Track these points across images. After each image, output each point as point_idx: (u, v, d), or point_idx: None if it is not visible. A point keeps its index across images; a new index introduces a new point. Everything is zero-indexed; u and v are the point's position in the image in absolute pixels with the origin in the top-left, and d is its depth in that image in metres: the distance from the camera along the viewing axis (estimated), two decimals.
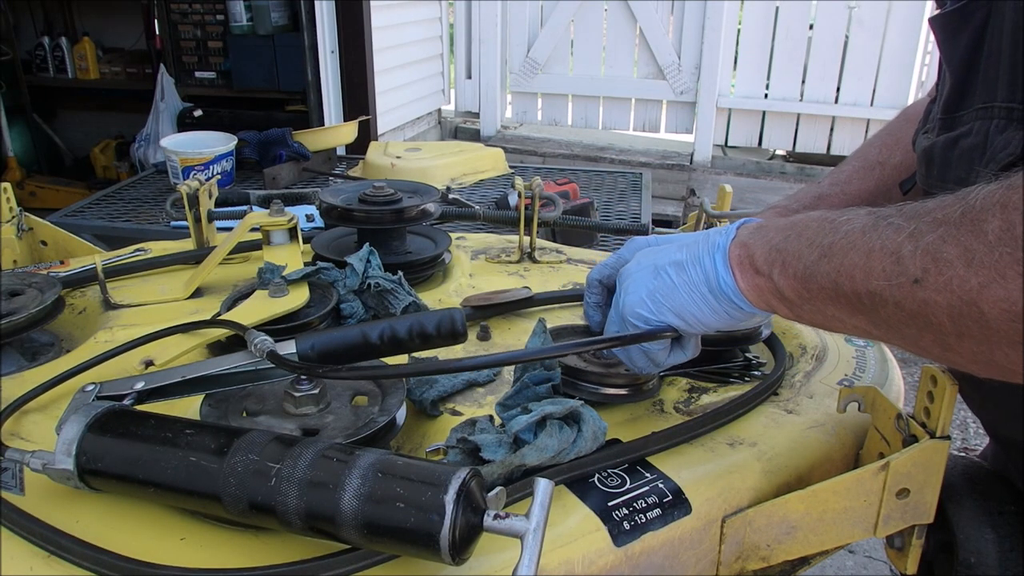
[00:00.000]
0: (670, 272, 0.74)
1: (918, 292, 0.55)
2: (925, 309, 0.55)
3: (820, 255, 0.62)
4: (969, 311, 0.52)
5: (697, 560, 0.77)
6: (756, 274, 0.69)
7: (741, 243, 0.71)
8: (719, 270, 0.71)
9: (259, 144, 2.79)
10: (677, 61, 5.27)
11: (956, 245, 0.53)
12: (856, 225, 0.61)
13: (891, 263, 0.56)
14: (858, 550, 2.48)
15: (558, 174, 2.80)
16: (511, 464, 0.72)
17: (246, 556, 0.66)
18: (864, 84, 5.08)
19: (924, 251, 0.55)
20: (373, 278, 1.10)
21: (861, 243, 0.59)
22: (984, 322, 0.52)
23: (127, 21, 4.93)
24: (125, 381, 0.79)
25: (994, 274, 0.51)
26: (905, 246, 0.56)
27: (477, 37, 5.52)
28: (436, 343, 0.82)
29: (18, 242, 1.43)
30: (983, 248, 0.51)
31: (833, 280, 0.61)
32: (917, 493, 0.77)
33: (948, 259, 0.53)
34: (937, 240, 0.54)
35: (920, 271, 0.55)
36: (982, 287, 0.51)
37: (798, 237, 0.66)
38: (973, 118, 0.77)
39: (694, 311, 0.74)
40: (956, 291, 0.53)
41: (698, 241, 0.75)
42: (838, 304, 0.62)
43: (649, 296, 0.75)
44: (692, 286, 0.73)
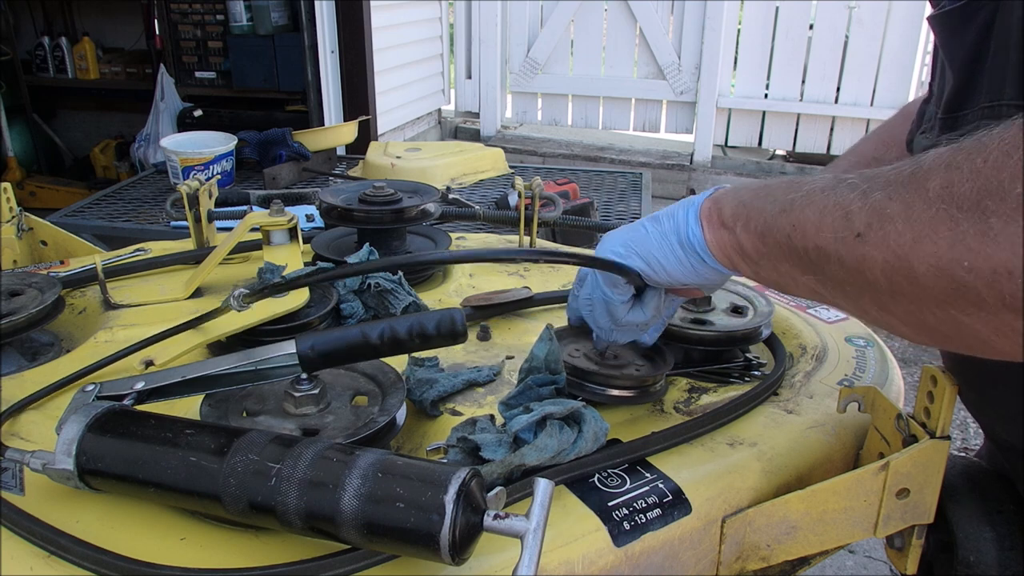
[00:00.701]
0: (646, 224, 0.77)
1: (859, 247, 0.56)
2: (863, 265, 0.56)
3: (780, 210, 0.64)
4: (901, 266, 0.53)
5: (697, 560, 0.77)
6: (722, 227, 0.71)
7: (714, 199, 0.73)
8: (690, 222, 0.73)
9: (259, 144, 2.79)
10: (677, 61, 5.27)
11: (899, 202, 0.54)
12: (818, 185, 0.62)
13: (839, 218, 0.57)
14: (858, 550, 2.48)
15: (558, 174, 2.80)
16: (511, 464, 0.72)
17: (246, 556, 0.66)
18: (864, 84, 5.08)
19: (871, 208, 0.55)
20: (373, 278, 1.10)
21: (818, 200, 0.60)
22: (914, 279, 0.52)
23: (127, 21, 4.93)
24: (125, 381, 0.79)
25: (927, 230, 0.51)
26: (855, 203, 0.57)
27: (477, 37, 5.52)
28: (436, 343, 0.82)
29: (18, 242, 1.43)
30: (922, 205, 0.52)
31: (787, 235, 0.62)
32: (917, 493, 0.77)
33: (890, 215, 0.54)
34: (884, 198, 0.55)
35: (863, 226, 0.55)
36: (915, 243, 0.52)
37: (766, 196, 0.67)
38: (978, 117, 0.77)
39: (660, 258, 0.76)
40: (892, 246, 0.53)
41: (678, 203, 0.77)
42: (791, 260, 0.63)
43: (621, 243, 0.78)
44: (662, 235, 0.75)
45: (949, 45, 0.81)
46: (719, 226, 0.71)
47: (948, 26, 0.81)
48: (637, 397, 0.90)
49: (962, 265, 0.49)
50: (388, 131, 4.59)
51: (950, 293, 0.51)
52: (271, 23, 4.15)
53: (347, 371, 0.90)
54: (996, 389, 0.85)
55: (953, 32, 0.80)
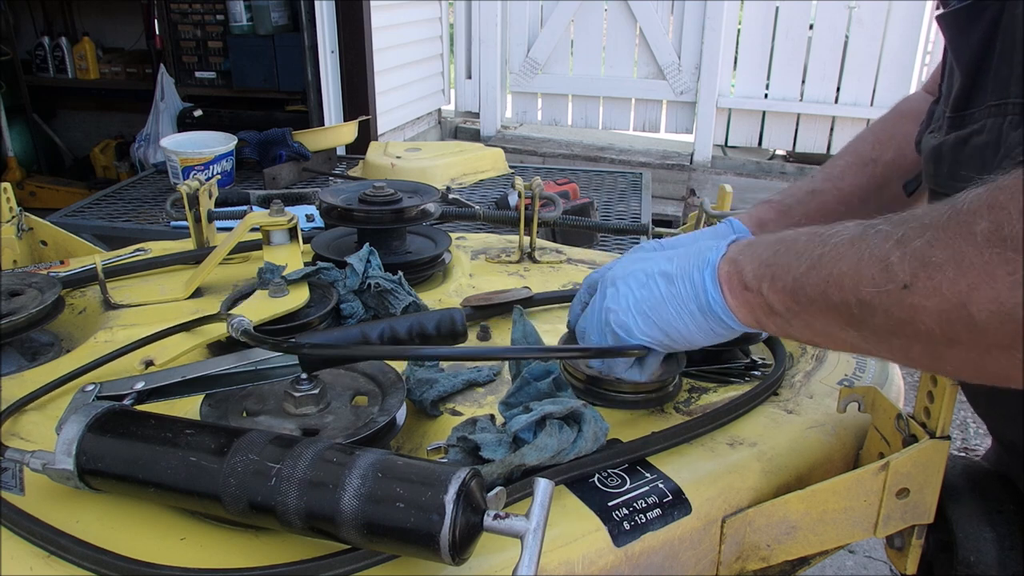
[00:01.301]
0: (659, 284, 0.73)
1: (907, 298, 0.54)
2: (914, 315, 0.54)
3: (809, 266, 0.61)
4: (959, 315, 0.51)
5: (697, 560, 0.77)
6: (745, 290, 0.68)
7: (731, 259, 0.70)
8: (708, 286, 0.70)
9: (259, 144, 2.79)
10: (677, 61, 5.26)
11: (944, 248, 0.52)
12: (845, 236, 0.60)
13: (879, 270, 0.55)
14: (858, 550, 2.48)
15: (558, 174, 2.80)
16: (511, 464, 0.72)
17: (246, 556, 0.66)
18: (864, 84, 5.07)
19: (913, 256, 0.54)
20: (373, 278, 1.10)
21: (850, 253, 0.58)
22: (973, 326, 0.51)
23: (127, 21, 4.93)
24: (125, 381, 0.79)
25: (983, 275, 0.50)
26: (894, 252, 0.55)
27: (477, 37, 5.52)
28: (436, 343, 0.82)
29: (18, 242, 1.43)
30: (972, 250, 0.50)
31: (822, 291, 0.60)
32: (917, 493, 0.77)
33: (937, 263, 0.52)
34: (925, 245, 0.53)
35: (909, 276, 0.53)
36: (971, 289, 0.50)
37: (787, 251, 0.65)
38: (985, 115, 0.76)
39: (680, 328, 0.73)
40: (945, 294, 0.51)
41: (689, 254, 0.74)
42: (827, 316, 0.61)
43: (636, 307, 0.74)
44: (680, 302, 0.72)
45: (956, 44, 0.81)
46: (742, 288, 0.69)
47: (956, 25, 0.80)
48: (652, 401, 0.90)
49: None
50: (388, 131, 4.58)
51: (1015, 336, 0.49)
52: (271, 23, 4.15)
53: (347, 371, 0.90)
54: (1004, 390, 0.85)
55: (960, 31, 0.80)
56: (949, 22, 0.81)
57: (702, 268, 0.71)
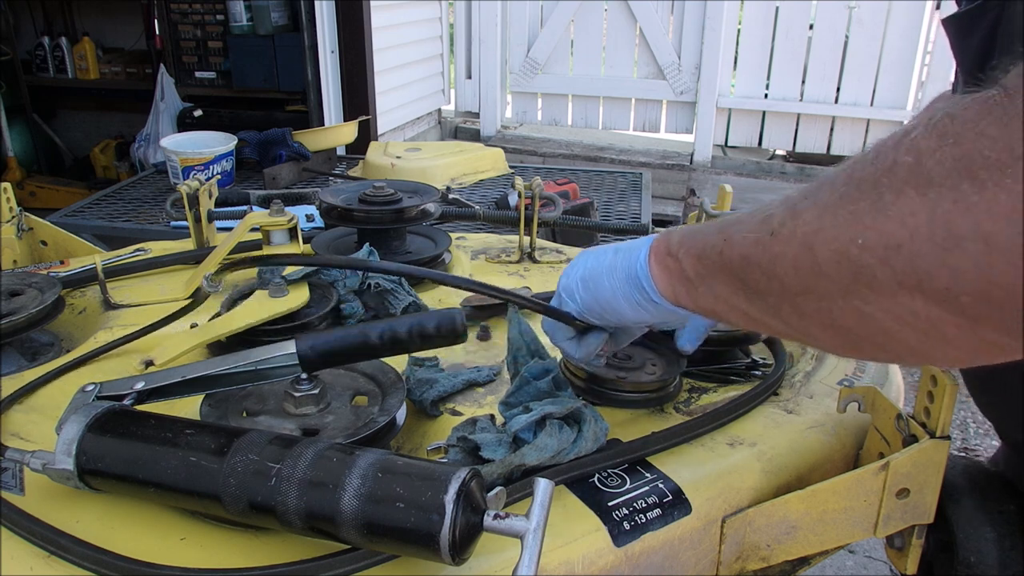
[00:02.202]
0: (608, 254, 0.75)
1: (772, 246, 0.55)
2: (775, 265, 0.55)
3: (718, 229, 0.63)
4: (806, 258, 0.52)
5: (697, 560, 0.77)
6: (667, 255, 0.70)
7: (667, 231, 0.72)
8: (640, 256, 0.72)
9: (259, 144, 2.79)
10: (677, 61, 5.26)
11: (810, 197, 0.53)
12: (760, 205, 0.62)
13: (761, 222, 0.57)
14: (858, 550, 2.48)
15: (558, 174, 2.80)
16: (511, 464, 0.72)
17: (246, 556, 0.66)
18: (864, 84, 5.07)
19: (787, 206, 0.55)
20: (373, 278, 1.10)
21: (748, 215, 0.60)
22: (818, 269, 0.51)
23: (127, 21, 4.93)
24: (125, 381, 0.79)
25: (828, 214, 0.51)
26: (777, 207, 0.57)
27: (477, 37, 5.52)
28: (436, 343, 0.82)
29: (18, 242, 1.43)
30: (828, 191, 0.52)
31: (720, 250, 0.62)
32: (917, 493, 0.77)
33: (800, 209, 0.54)
34: (800, 196, 0.55)
35: (778, 223, 0.55)
36: (818, 231, 0.51)
37: (715, 227, 0.66)
38: None
39: (608, 297, 0.74)
40: (799, 237, 0.53)
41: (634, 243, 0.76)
42: (724, 278, 0.62)
43: (581, 275, 0.77)
44: (615, 271, 0.74)
45: (959, 48, 0.81)
46: (665, 254, 0.70)
47: (958, 30, 0.81)
48: (652, 401, 0.90)
49: (856, 243, 0.49)
50: (388, 131, 4.58)
51: (850, 278, 0.50)
52: (271, 23, 4.15)
53: (347, 371, 0.90)
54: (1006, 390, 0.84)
55: (963, 35, 0.80)
56: (952, 26, 0.81)
57: (644, 241, 0.73)
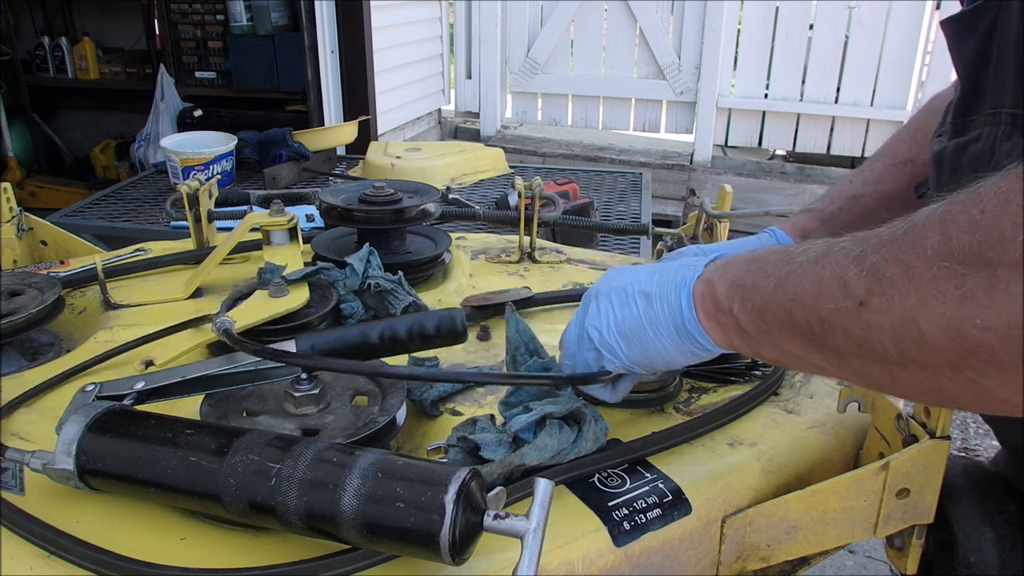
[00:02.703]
0: (639, 304, 0.72)
1: (863, 315, 0.53)
2: (869, 333, 0.53)
3: (776, 285, 0.61)
4: (909, 332, 0.50)
5: (697, 560, 0.77)
6: (718, 310, 0.67)
7: (705, 280, 0.69)
8: (683, 308, 0.69)
9: (259, 144, 2.79)
10: (677, 61, 5.26)
11: (897, 263, 0.51)
12: (810, 254, 0.59)
13: (838, 287, 0.55)
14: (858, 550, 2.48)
15: (558, 174, 2.80)
16: (511, 464, 0.72)
17: (246, 556, 0.66)
18: (864, 84, 5.07)
19: (868, 271, 0.53)
20: (373, 278, 1.10)
21: (812, 271, 0.58)
22: (924, 343, 0.50)
23: (127, 21, 4.93)
24: (125, 381, 0.79)
25: (932, 290, 0.49)
26: (851, 269, 0.54)
27: (477, 37, 5.51)
28: (436, 343, 0.82)
29: (18, 242, 1.43)
30: (921, 264, 0.49)
31: (787, 310, 0.59)
32: (917, 493, 0.77)
33: (890, 278, 0.51)
34: (880, 260, 0.53)
35: (864, 292, 0.53)
36: (921, 304, 0.49)
37: (758, 270, 0.64)
38: (982, 123, 0.76)
39: (660, 350, 0.72)
40: (897, 310, 0.51)
41: (668, 271, 0.73)
42: (793, 336, 0.60)
43: (618, 327, 0.73)
44: (659, 324, 0.71)
45: (956, 50, 0.81)
46: (715, 309, 0.68)
47: (956, 31, 0.80)
48: (653, 400, 0.90)
49: (974, 323, 0.47)
50: (388, 131, 4.58)
51: (964, 354, 0.48)
52: (271, 23, 4.15)
53: None
54: None
55: (960, 37, 0.79)
56: (951, 28, 0.81)
57: (678, 288, 0.70)
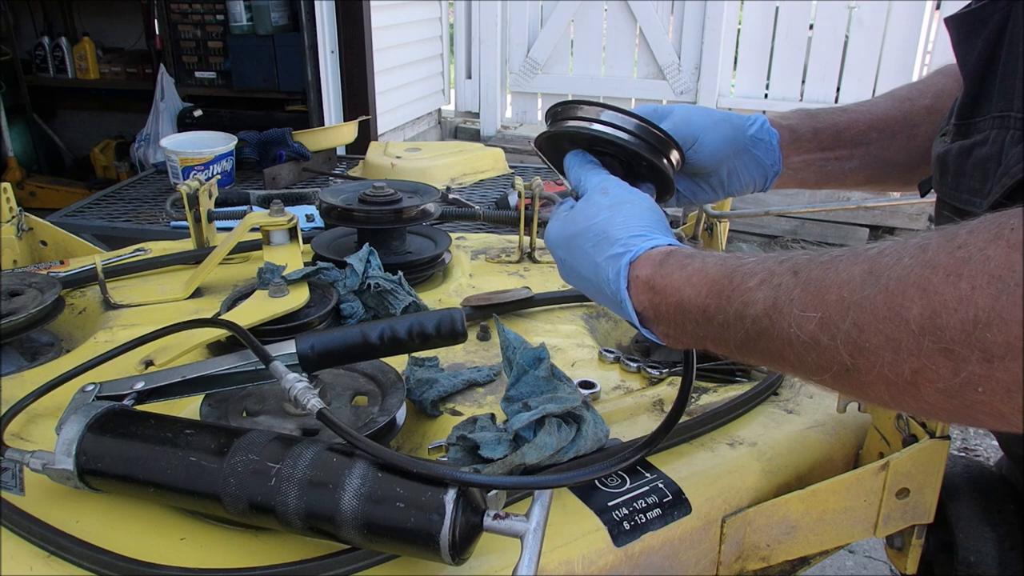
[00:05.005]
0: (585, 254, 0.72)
1: (853, 376, 0.53)
2: (863, 390, 0.54)
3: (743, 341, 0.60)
4: (909, 393, 0.51)
5: (697, 560, 0.77)
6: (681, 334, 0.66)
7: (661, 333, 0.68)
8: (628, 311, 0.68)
9: (259, 144, 2.78)
10: (677, 61, 5.26)
11: (877, 334, 0.51)
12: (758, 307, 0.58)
13: (815, 355, 0.54)
14: (858, 550, 2.48)
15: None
16: (511, 463, 0.72)
17: (246, 556, 0.66)
18: (864, 84, 5.07)
19: (844, 342, 0.52)
20: (373, 278, 1.10)
21: (774, 332, 0.57)
22: (923, 401, 0.51)
23: (127, 21, 4.93)
24: (125, 381, 0.79)
25: (925, 362, 0.49)
26: (822, 338, 0.54)
27: (477, 37, 5.51)
28: (436, 343, 0.82)
29: (18, 242, 1.43)
30: (907, 337, 0.49)
31: (770, 361, 0.60)
32: (917, 493, 0.77)
33: (872, 348, 0.51)
34: (854, 329, 0.52)
35: (848, 360, 0.53)
36: (915, 373, 0.50)
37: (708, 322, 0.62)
38: (989, 126, 0.74)
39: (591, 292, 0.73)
40: (890, 377, 0.51)
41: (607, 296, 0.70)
42: (783, 371, 0.61)
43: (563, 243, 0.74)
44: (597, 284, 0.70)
45: (961, 49, 0.80)
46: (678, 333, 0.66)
47: (962, 29, 0.79)
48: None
49: (975, 390, 0.47)
50: (388, 131, 4.58)
51: (965, 408, 0.49)
52: (271, 23, 4.15)
53: (347, 371, 0.90)
54: None
55: (966, 36, 0.78)
56: (956, 25, 0.80)
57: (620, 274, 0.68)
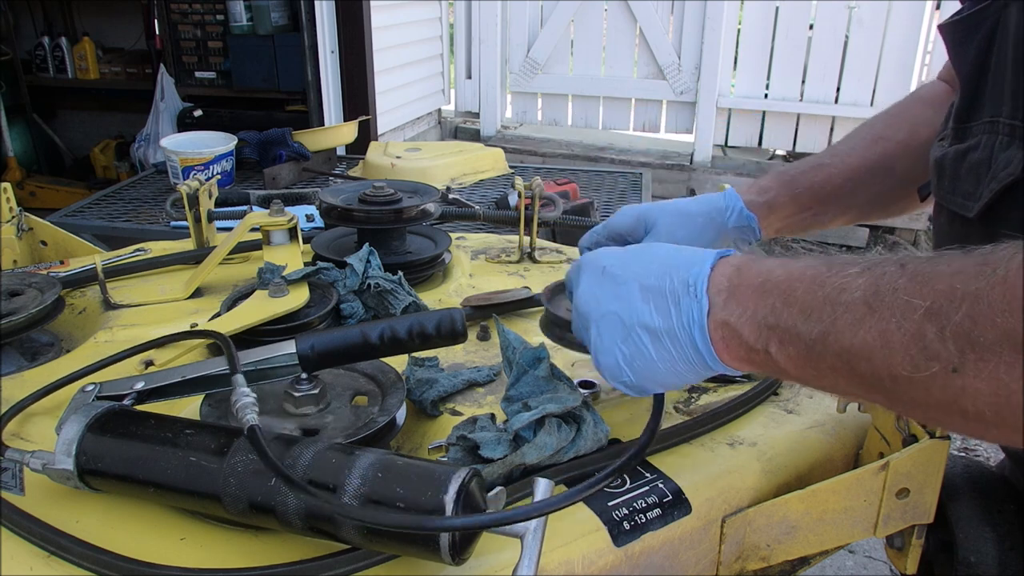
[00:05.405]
0: (644, 340, 0.65)
1: (956, 380, 0.49)
2: (962, 396, 0.49)
3: (823, 332, 0.55)
4: (1017, 400, 0.46)
5: (697, 560, 0.77)
6: (749, 350, 0.61)
7: (722, 322, 0.62)
8: (701, 351, 0.63)
9: (259, 144, 2.78)
10: (677, 61, 5.26)
11: (992, 327, 0.46)
12: (857, 295, 0.53)
13: (916, 350, 0.50)
14: (858, 550, 2.48)
15: (558, 174, 2.80)
16: (511, 463, 0.72)
17: (246, 556, 0.66)
18: (864, 84, 5.07)
19: (955, 334, 0.48)
20: (373, 278, 1.10)
21: (870, 320, 0.52)
22: None
23: (127, 21, 4.93)
24: (125, 381, 0.79)
25: None
26: (927, 327, 0.49)
27: (477, 37, 5.52)
28: (436, 343, 0.82)
29: (18, 242, 1.43)
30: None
31: (846, 361, 0.54)
32: (917, 493, 0.77)
33: (987, 344, 0.47)
34: (967, 320, 0.48)
35: (957, 357, 0.48)
36: None
37: (787, 307, 0.58)
38: (982, 131, 0.75)
39: (677, 381, 0.68)
40: (1003, 379, 0.46)
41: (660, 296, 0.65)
42: (852, 381, 0.55)
43: (627, 363, 0.67)
44: (673, 361, 0.65)
45: (956, 55, 0.80)
46: (745, 349, 0.61)
47: (955, 36, 0.80)
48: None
49: None
50: (388, 131, 4.58)
51: None
52: (271, 23, 4.15)
53: (347, 371, 0.90)
54: None
55: (959, 43, 0.79)
56: (950, 32, 0.81)
57: (689, 327, 0.63)
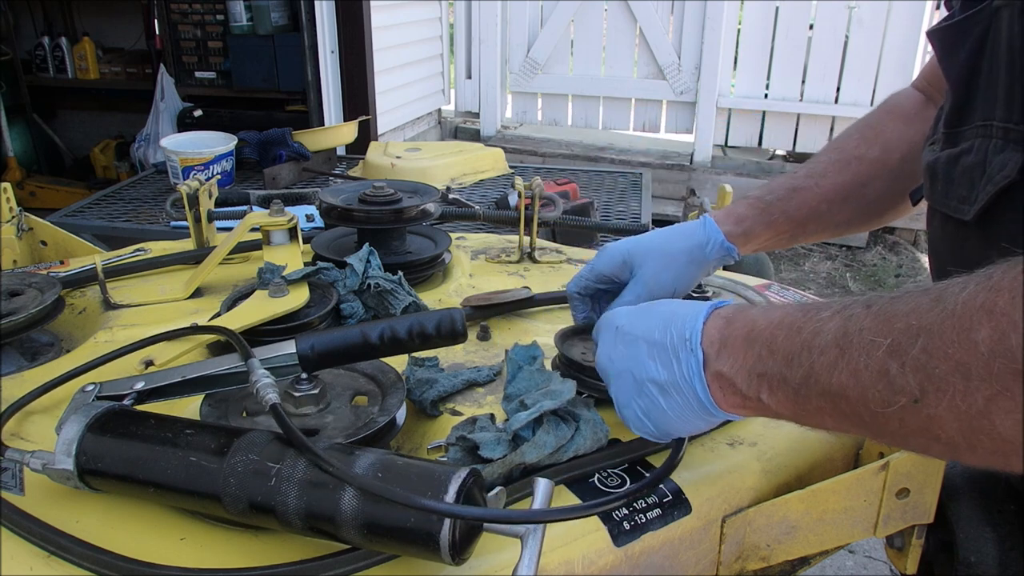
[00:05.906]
0: (654, 393, 0.71)
1: (922, 410, 0.51)
2: (931, 424, 0.52)
3: (804, 377, 0.59)
4: (981, 424, 0.49)
5: (697, 560, 0.77)
6: (744, 398, 0.66)
7: (718, 373, 0.66)
8: (702, 399, 0.68)
9: (259, 144, 2.79)
10: (677, 61, 5.26)
11: (946, 360, 0.49)
12: (828, 337, 0.57)
13: (883, 386, 0.53)
14: (858, 550, 2.48)
15: (558, 174, 2.80)
16: (511, 463, 0.72)
17: (246, 556, 0.66)
18: (864, 84, 5.07)
19: (913, 368, 0.51)
20: (373, 278, 1.10)
21: (841, 362, 0.56)
22: (997, 434, 0.49)
23: (127, 21, 4.93)
24: (125, 381, 0.79)
25: (997, 387, 0.47)
26: (890, 363, 0.52)
27: (477, 37, 5.52)
28: (436, 343, 0.82)
29: (18, 242, 1.43)
30: (977, 362, 0.48)
31: (828, 401, 0.58)
32: (917, 493, 0.77)
33: (942, 375, 0.50)
34: (922, 355, 0.51)
35: (917, 390, 0.51)
36: (989, 401, 0.48)
37: (771, 355, 0.62)
38: (974, 135, 0.75)
39: (691, 428, 0.73)
40: (961, 406, 0.49)
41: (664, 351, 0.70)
42: (837, 418, 0.59)
43: (645, 415, 0.73)
44: (681, 410, 0.70)
45: (946, 61, 0.80)
46: (740, 397, 0.66)
47: (945, 42, 0.80)
48: None
49: None
50: (388, 131, 4.58)
51: None
52: (271, 23, 4.15)
53: (347, 371, 0.90)
54: None
55: (949, 49, 0.79)
56: (939, 38, 0.81)
57: (690, 379, 0.68)
